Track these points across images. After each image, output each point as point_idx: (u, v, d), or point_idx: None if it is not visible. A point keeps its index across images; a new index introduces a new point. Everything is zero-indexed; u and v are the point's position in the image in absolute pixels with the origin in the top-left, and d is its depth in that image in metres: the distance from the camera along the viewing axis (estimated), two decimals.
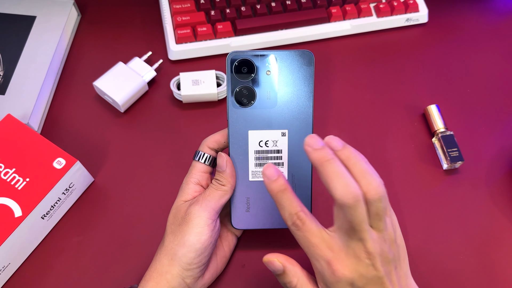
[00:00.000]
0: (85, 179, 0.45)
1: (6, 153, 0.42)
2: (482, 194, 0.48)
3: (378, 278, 0.31)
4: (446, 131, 0.49)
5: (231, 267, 0.43)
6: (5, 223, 0.39)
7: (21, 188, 0.40)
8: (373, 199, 0.31)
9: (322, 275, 0.32)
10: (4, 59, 0.50)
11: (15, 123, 0.43)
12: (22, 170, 0.41)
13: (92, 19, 0.57)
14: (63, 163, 0.42)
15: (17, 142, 0.42)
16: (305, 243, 0.32)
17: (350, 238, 0.31)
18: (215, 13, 0.54)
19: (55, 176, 0.41)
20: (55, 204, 0.42)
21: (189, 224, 0.36)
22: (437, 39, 0.58)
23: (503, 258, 0.45)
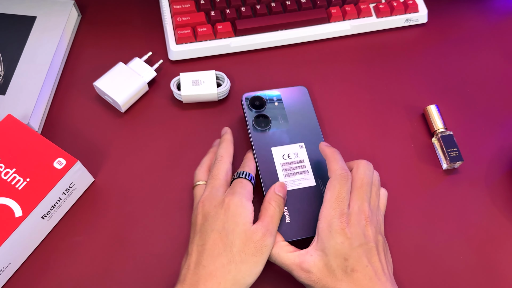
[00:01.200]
0: (86, 179, 0.45)
1: (7, 153, 0.42)
2: (481, 194, 0.48)
3: (366, 241, 0.37)
4: (445, 131, 0.49)
5: None
6: (5, 223, 0.39)
7: (21, 188, 0.40)
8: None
9: (330, 223, 0.37)
10: (5, 59, 0.50)
11: (16, 123, 0.43)
12: (23, 170, 0.41)
13: (92, 19, 0.57)
14: (63, 163, 0.42)
15: (17, 142, 0.42)
16: (334, 192, 0.38)
17: (356, 197, 0.38)
18: (215, 14, 0.54)
19: (55, 176, 0.41)
20: (55, 204, 0.42)
21: (263, 256, 0.37)
22: (437, 39, 0.58)
23: (502, 258, 0.45)
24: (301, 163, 0.45)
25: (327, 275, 0.36)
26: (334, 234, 0.36)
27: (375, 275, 0.36)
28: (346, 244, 0.36)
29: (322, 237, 0.37)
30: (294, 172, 0.44)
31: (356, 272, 0.36)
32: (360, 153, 0.49)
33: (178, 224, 0.45)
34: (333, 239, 0.36)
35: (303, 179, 0.44)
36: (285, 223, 0.41)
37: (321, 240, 0.37)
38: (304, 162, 0.45)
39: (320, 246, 0.37)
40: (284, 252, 0.38)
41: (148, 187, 0.47)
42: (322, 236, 0.37)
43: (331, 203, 0.38)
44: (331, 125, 0.51)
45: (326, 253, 0.36)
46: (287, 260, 0.38)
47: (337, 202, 0.38)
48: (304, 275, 0.37)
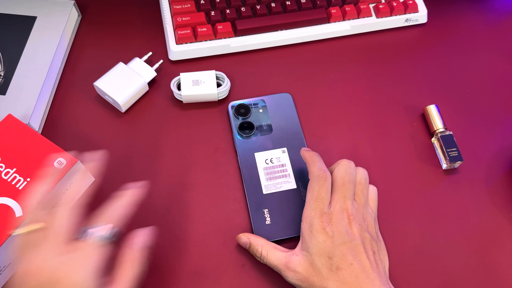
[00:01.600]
0: (86, 179, 0.45)
1: (7, 153, 0.42)
2: (481, 193, 0.48)
3: (350, 239, 0.38)
4: (445, 131, 0.50)
5: (231, 267, 0.43)
6: (5, 223, 0.39)
7: (22, 188, 0.40)
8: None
9: (311, 223, 0.38)
10: (5, 59, 0.50)
11: (16, 123, 0.43)
12: (23, 170, 0.41)
13: (92, 19, 0.57)
14: (63, 163, 0.42)
15: (18, 142, 0.42)
16: (314, 193, 0.39)
17: (338, 195, 0.39)
18: (215, 14, 0.54)
19: (55, 176, 0.41)
20: (55, 204, 0.42)
21: None
22: (437, 39, 0.58)
23: (502, 258, 0.45)
24: (282, 167, 0.47)
25: (313, 274, 0.37)
26: (316, 234, 0.38)
27: (362, 272, 0.36)
28: (328, 243, 0.37)
29: (305, 237, 0.38)
30: (276, 176, 0.47)
31: (341, 270, 0.36)
32: (360, 153, 0.50)
33: (178, 225, 0.45)
34: (314, 238, 0.38)
35: (284, 182, 0.46)
36: (265, 224, 0.44)
37: (304, 240, 0.38)
38: (286, 166, 0.47)
39: (304, 246, 0.38)
40: (272, 253, 0.40)
41: (148, 187, 0.47)
42: (304, 236, 0.39)
43: (311, 204, 0.39)
44: (331, 125, 0.51)
45: (310, 253, 0.37)
46: (275, 261, 0.39)
47: (316, 203, 0.39)
48: (291, 275, 0.38)
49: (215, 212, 0.45)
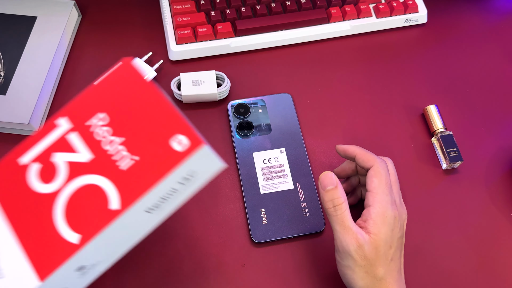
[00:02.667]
0: (212, 167, 0.32)
1: (116, 114, 0.31)
2: (481, 194, 0.48)
3: (402, 234, 0.39)
4: (445, 131, 0.50)
5: (230, 266, 0.43)
6: (96, 216, 0.28)
7: (125, 169, 0.29)
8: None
9: (385, 208, 0.37)
10: (5, 59, 0.50)
11: (133, 74, 0.32)
12: (132, 142, 0.30)
13: (92, 19, 0.57)
14: (185, 144, 0.29)
15: (132, 101, 0.31)
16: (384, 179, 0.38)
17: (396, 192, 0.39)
18: (215, 14, 0.54)
19: (172, 160, 0.29)
20: (166, 196, 0.31)
21: None
22: (437, 39, 0.58)
23: (502, 258, 0.45)
24: (280, 167, 0.47)
25: (373, 257, 0.36)
26: (389, 220, 0.37)
27: (400, 269, 0.38)
28: (394, 232, 0.37)
29: (377, 222, 0.37)
30: (274, 176, 0.47)
31: (393, 262, 0.37)
32: None
33: (177, 225, 0.45)
34: (387, 225, 0.37)
35: (282, 183, 0.46)
36: (262, 224, 0.44)
37: (376, 224, 0.37)
38: (283, 166, 0.47)
39: (373, 229, 0.37)
40: (348, 214, 0.37)
41: None
42: (377, 220, 0.37)
43: (383, 189, 0.38)
44: (331, 125, 0.51)
45: (379, 237, 0.36)
46: (349, 223, 0.37)
47: (387, 188, 0.38)
48: (354, 247, 0.36)
49: (213, 211, 0.46)
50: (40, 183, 0.30)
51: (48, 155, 0.30)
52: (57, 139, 0.31)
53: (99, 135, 0.30)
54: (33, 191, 0.29)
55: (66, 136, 0.31)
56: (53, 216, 0.29)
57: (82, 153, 0.30)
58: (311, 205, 0.45)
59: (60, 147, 0.30)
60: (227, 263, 0.43)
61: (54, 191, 0.29)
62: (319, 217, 0.45)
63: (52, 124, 0.31)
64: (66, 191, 0.29)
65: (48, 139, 0.31)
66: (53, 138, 0.31)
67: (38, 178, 0.30)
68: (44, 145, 0.30)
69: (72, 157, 0.30)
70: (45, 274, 0.27)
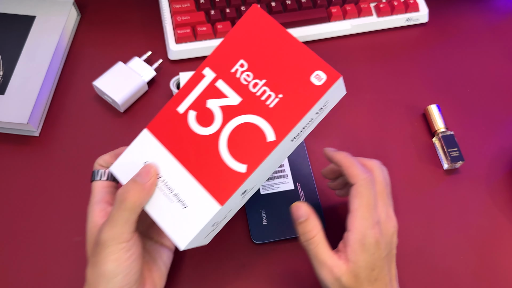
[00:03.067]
0: (340, 94, 0.36)
1: (255, 58, 0.34)
2: (482, 194, 0.48)
3: (391, 248, 0.37)
4: (446, 131, 0.49)
5: (230, 267, 0.43)
6: (256, 149, 0.33)
7: (273, 106, 0.33)
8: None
9: (364, 234, 0.35)
10: (4, 59, 0.50)
11: (264, 18, 0.34)
12: (274, 82, 0.33)
13: (91, 19, 0.57)
14: (323, 78, 0.33)
15: (267, 44, 0.34)
16: (366, 200, 0.36)
17: (382, 203, 0.37)
18: (215, 13, 0.54)
19: (314, 94, 0.33)
20: (306, 125, 0.35)
21: (102, 253, 0.33)
22: (437, 39, 0.58)
23: (503, 258, 0.45)
24: (281, 168, 0.47)
25: (354, 285, 0.35)
26: (368, 247, 0.35)
27: (389, 282, 0.36)
28: (376, 255, 0.35)
29: (354, 249, 0.35)
30: (274, 176, 0.46)
31: (378, 281, 0.35)
32: (361, 153, 0.49)
33: None
34: (367, 251, 0.35)
35: (282, 183, 0.46)
36: (262, 225, 0.44)
37: (354, 252, 0.35)
38: (284, 166, 0.47)
39: (353, 258, 0.35)
40: (323, 246, 0.36)
41: None
42: (355, 248, 0.35)
43: (362, 212, 0.35)
44: (331, 124, 0.51)
45: (358, 265, 0.35)
46: (323, 256, 0.35)
47: (368, 211, 0.35)
48: (331, 280, 0.35)
49: None
50: (201, 127, 0.34)
51: (203, 102, 0.34)
52: (206, 87, 0.34)
53: (244, 79, 0.34)
54: (197, 134, 0.34)
55: (215, 84, 0.34)
56: (220, 152, 0.33)
57: (232, 97, 0.34)
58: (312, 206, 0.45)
59: (211, 94, 0.34)
60: (227, 263, 0.43)
61: (214, 132, 0.34)
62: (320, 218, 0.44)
63: (200, 74, 0.35)
64: (225, 131, 0.34)
65: (199, 88, 0.35)
66: (203, 86, 0.35)
67: (198, 123, 0.34)
68: (196, 94, 0.35)
69: (224, 101, 0.34)
70: (224, 200, 0.33)
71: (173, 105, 0.35)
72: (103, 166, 0.37)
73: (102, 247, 0.33)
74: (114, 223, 0.33)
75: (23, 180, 0.46)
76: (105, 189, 0.37)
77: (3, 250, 0.43)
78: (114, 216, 0.33)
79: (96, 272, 0.33)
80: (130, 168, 0.35)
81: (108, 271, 0.33)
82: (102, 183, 0.37)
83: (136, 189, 0.33)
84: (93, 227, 0.35)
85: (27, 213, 0.45)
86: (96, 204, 0.36)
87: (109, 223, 0.33)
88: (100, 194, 0.36)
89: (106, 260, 0.33)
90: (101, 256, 0.33)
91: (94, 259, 0.33)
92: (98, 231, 0.34)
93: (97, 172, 0.37)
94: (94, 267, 0.33)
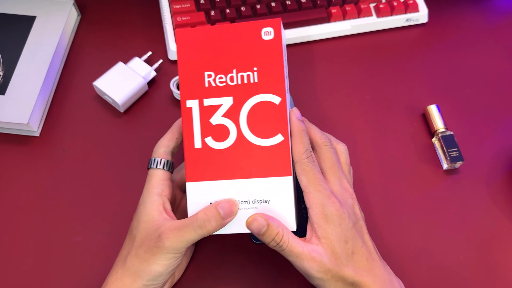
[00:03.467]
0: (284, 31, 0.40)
1: (212, 62, 0.37)
2: (482, 194, 0.48)
3: (356, 219, 0.37)
4: (446, 131, 0.49)
5: (230, 267, 0.43)
6: (274, 116, 0.36)
7: (258, 80, 0.36)
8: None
9: (322, 205, 0.35)
10: (4, 59, 0.50)
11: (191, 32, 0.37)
12: (242, 65, 0.37)
13: (92, 19, 0.57)
14: (271, 31, 0.36)
15: (211, 46, 0.37)
16: (313, 175, 0.36)
17: (332, 176, 0.37)
18: (215, 13, 0.54)
19: (275, 45, 0.36)
20: (286, 73, 0.39)
21: (156, 255, 0.35)
22: (437, 39, 0.58)
23: (503, 258, 0.45)
24: None
25: (335, 263, 0.34)
26: (331, 217, 0.35)
27: (369, 255, 0.36)
28: (343, 226, 0.35)
29: (319, 224, 0.35)
30: None
31: (355, 254, 0.35)
32: (361, 153, 0.49)
33: None
34: (332, 223, 0.34)
35: None
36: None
37: (320, 227, 0.35)
38: None
39: (321, 233, 0.35)
40: (294, 240, 0.35)
41: None
42: (319, 222, 0.35)
43: (314, 186, 0.35)
44: (331, 124, 0.51)
45: (330, 239, 0.34)
46: (297, 249, 0.34)
47: (319, 184, 0.35)
48: (315, 266, 0.34)
49: None
50: (224, 142, 0.37)
51: (208, 124, 0.37)
52: (201, 113, 0.37)
53: (219, 83, 0.37)
54: (227, 149, 0.36)
55: (204, 105, 0.37)
56: (255, 143, 0.36)
57: (225, 101, 0.37)
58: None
59: (208, 114, 0.37)
60: (227, 263, 0.43)
61: (236, 135, 0.36)
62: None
63: (186, 109, 0.37)
64: (243, 126, 0.36)
65: (196, 119, 0.37)
66: (197, 115, 0.37)
67: (218, 141, 0.37)
68: (197, 124, 0.37)
69: (222, 110, 0.37)
70: (289, 171, 0.36)
71: (190, 147, 0.37)
72: (165, 153, 0.39)
73: (161, 251, 0.34)
74: (183, 237, 0.34)
75: (23, 180, 0.46)
76: (165, 181, 0.38)
77: (3, 250, 0.43)
78: (186, 233, 0.34)
79: (143, 266, 0.35)
80: None
81: (155, 271, 0.35)
82: (161, 174, 0.38)
83: (217, 222, 0.35)
84: (150, 220, 0.36)
85: (27, 213, 0.45)
86: (156, 196, 0.37)
87: (178, 235, 0.34)
88: (160, 186, 0.37)
89: (158, 263, 0.35)
90: (155, 257, 0.35)
91: (145, 255, 0.35)
92: (159, 230, 0.35)
93: (153, 160, 0.38)
94: (143, 261, 0.35)
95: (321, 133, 0.39)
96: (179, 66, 0.37)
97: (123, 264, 0.36)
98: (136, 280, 0.35)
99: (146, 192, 0.37)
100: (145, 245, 0.35)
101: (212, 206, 0.35)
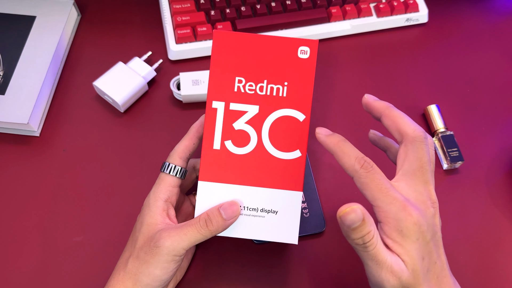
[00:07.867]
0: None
1: (245, 69, 0.37)
2: (482, 194, 0.48)
3: (434, 231, 0.32)
4: (446, 131, 0.49)
5: (231, 267, 0.43)
6: (296, 132, 0.37)
7: (286, 95, 0.37)
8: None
9: (397, 219, 0.30)
10: (4, 59, 0.50)
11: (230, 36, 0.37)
12: (274, 77, 0.37)
13: (92, 19, 0.57)
14: (308, 50, 0.37)
15: (247, 53, 0.37)
16: (375, 187, 0.31)
17: (417, 180, 0.32)
18: (215, 13, 0.54)
19: (308, 65, 0.37)
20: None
21: (155, 257, 0.34)
22: (437, 39, 0.58)
23: (503, 258, 0.45)
24: None
25: (412, 281, 0.30)
26: (408, 233, 0.30)
27: (441, 271, 0.32)
28: (421, 241, 0.30)
29: (395, 240, 0.31)
30: None
31: (429, 272, 0.31)
32: None
33: None
34: (408, 238, 0.30)
35: None
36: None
37: (395, 243, 0.31)
38: None
39: (397, 250, 0.31)
40: (381, 246, 0.30)
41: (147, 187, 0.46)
42: (394, 238, 0.31)
43: (383, 199, 0.31)
44: (331, 125, 0.51)
45: (410, 256, 0.30)
46: (383, 257, 0.30)
47: (388, 195, 0.31)
48: (393, 281, 0.30)
49: None
50: (243, 148, 0.37)
51: (230, 128, 0.37)
52: (225, 116, 0.37)
53: (249, 90, 0.37)
54: (244, 155, 0.37)
55: (230, 109, 0.37)
56: (273, 155, 0.37)
57: (250, 109, 0.37)
58: (312, 206, 0.45)
59: (232, 118, 0.37)
60: (227, 263, 0.43)
61: (256, 143, 0.37)
62: (320, 217, 0.45)
63: (212, 109, 0.37)
64: (264, 136, 0.37)
65: (219, 120, 0.37)
66: (221, 117, 0.37)
67: (238, 146, 0.37)
68: (220, 126, 0.37)
69: (246, 117, 0.37)
70: (301, 186, 0.37)
71: (208, 147, 0.37)
72: (181, 159, 0.38)
73: (160, 253, 0.34)
74: (184, 237, 0.34)
75: (23, 180, 0.46)
76: (174, 189, 0.38)
77: (3, 250, 0.43)
78: (188, 233, 0.34)
79: (142, 268, 0.35)
80: None
81: (154, 274, 0.35)
82: (172, 181, 0.38)
83: (219, 223, 0.35)
84: (153, 223, 0.36)
85: (27, 213, 0.45)
86: (162, 202, 0.37)
87: (178, 236, 0.34)
88: (168, 193, 0.38)
89: (157, 265, 0.34)
90: (154, 259, 0.34)
91: (145, 256, 0.35)
92: (158, 233, 0.35)
93: (167, 165, 0.38)
94: (143, 263, 0.35)
95: (413, 124, 0.34)
96: (212, 66, 0.37)
97: (125, 266, 0.36)
98: (136, 283, 0.35)
99: (153, 195, 0.38)
100: (146, 247, 0.35)
101: (215, 207, 0.35)
